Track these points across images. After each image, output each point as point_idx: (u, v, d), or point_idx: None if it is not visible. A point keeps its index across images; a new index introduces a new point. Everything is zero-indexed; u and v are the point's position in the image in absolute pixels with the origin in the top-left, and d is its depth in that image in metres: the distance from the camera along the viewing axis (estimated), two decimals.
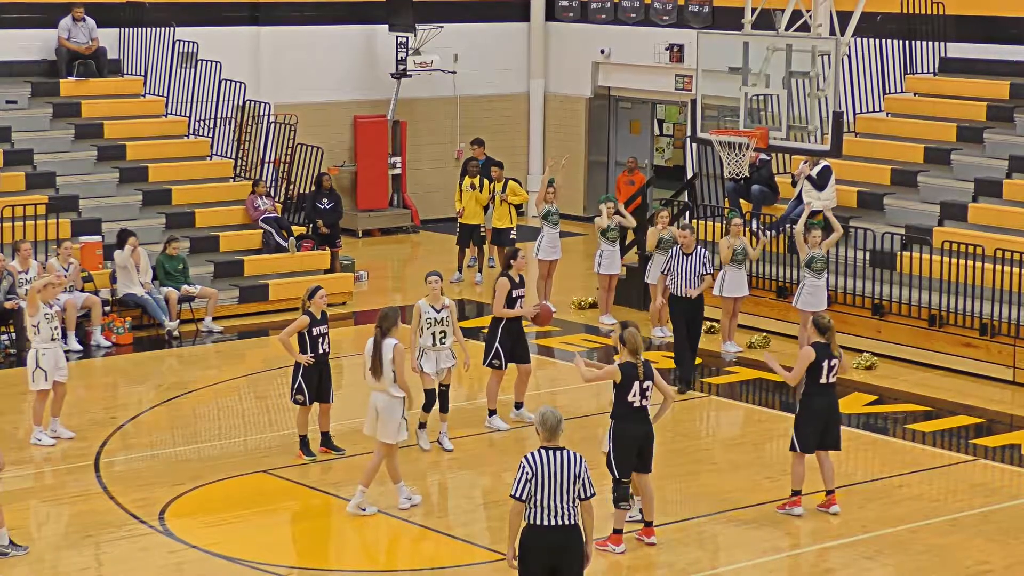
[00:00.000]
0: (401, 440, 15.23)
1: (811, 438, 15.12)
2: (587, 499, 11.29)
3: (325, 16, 29.50)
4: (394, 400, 15.07)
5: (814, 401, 15.09)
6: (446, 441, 17.26)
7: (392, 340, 15.05)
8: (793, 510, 15.26)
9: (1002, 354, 20.47)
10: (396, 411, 15.07)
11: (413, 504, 15.35)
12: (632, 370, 14.15)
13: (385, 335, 15.08)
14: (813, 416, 15.12)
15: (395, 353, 14.97)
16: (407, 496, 15.36)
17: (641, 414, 14.24)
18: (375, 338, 15.14)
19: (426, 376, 16.99)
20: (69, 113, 25.28)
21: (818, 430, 15.12)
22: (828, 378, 15.06)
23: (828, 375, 15.05)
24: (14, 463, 16.95)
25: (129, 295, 22.13)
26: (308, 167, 27.13)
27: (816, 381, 15.04)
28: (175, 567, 14.07)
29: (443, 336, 16.93)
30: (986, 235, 21.53)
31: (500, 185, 25.72)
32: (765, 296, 22.80)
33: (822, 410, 15.14)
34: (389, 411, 15.07)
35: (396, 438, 15.13)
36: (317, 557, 14.57)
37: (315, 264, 24.78)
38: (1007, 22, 24.90)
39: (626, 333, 14.21)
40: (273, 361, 20.57)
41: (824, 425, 15.14)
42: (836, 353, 15.12)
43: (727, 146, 21.41)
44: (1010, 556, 14.47)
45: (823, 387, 15.09)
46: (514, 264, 17.82)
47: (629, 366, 14.17)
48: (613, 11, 30.81)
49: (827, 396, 15.16)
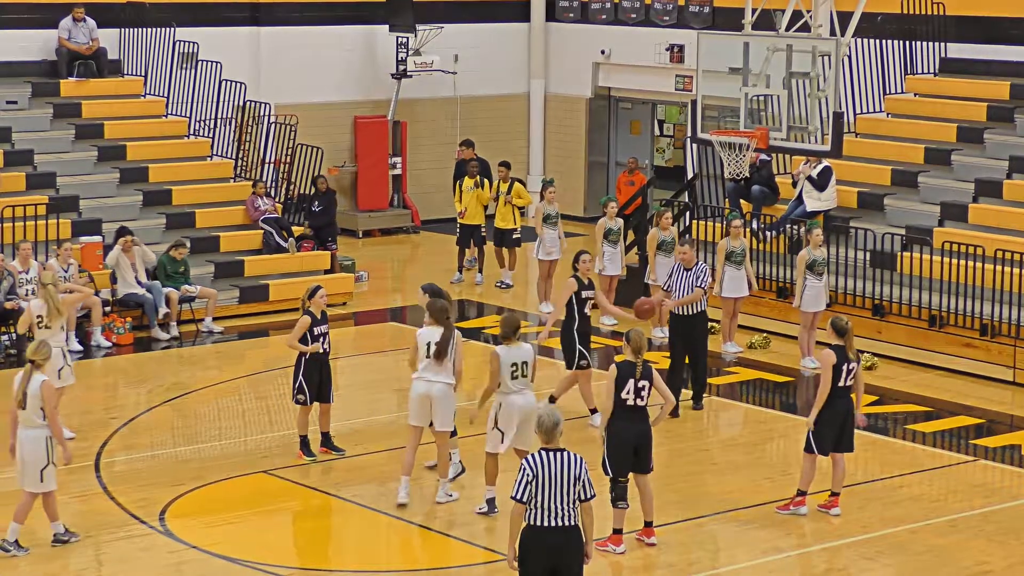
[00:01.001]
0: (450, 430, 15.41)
1: (828, 440, 15.13)
2: (587, 500, 11.30)
3: (325, 16, 29.50)
4: (450, 388, 15.33)
5: (833, 403, 15.07)
6: None
7: (41, 375, 14.18)
8: (799, 510, 15.26)
9: (1002, 355, 20.47)
10: (453, 400, 15.38)
11: (452, 499, 15.53)
12: (629, 368, 14.20)
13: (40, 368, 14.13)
14: (832, 418, 15.12)
15: (42, 389, 14.09)
16: (447, 492, 15.59)
17: (636, 413, 14.25)
18: (444, 329, 15.26)
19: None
20: (69, 113, 25.28)
21: (835, 432, 15.13)
22: (846, 381, 15.07)
23: (846, 378, 15.07)
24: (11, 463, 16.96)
25: (129, 295, 22.14)
26: (308, 168, 27.13)
27: (835, 384, 15.03)
28: (175, 567, 14.08)
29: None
30: (986, 235, 21.53)
31: (506, 185, 25.66)
32: (765, 296, 22.79)
33: (840, 413, 15.15)
34: (447, 400, 15.29)
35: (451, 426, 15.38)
36: (317, 557, 14.58)
37: (315, 264, 24.78)
38: (1007, 23, 24.90)
39: (632, 332, 14.34)
40: (273, 361, 20.57)
41: (841, 428, 15.16)
42: (853, 356, 15.14)
43: (727, 146, 21.41)
44: (1010, 556, 14.47)
45: (841, 390, 15.08)
46: (579, 267, 17.77)
47: (626, 364, 14.24)
48: (613, 11, 30.81)
49: (845, 399, 15.16)
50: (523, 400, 14.93)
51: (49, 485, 14.03)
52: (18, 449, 14.01)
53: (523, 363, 14.90)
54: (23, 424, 13.95)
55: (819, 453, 15.13)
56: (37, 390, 13.87)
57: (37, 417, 13.88)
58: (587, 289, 17.71)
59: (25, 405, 13.90)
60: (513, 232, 25.60)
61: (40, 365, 14.00)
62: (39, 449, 13.93)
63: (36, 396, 13.86)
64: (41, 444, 13.93)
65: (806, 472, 15.23)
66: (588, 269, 17.81)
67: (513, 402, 14.88)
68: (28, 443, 13.94)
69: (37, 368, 13.97)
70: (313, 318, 16.62)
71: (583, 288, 17.67)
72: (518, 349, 14.93)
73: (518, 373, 14.89)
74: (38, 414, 13.88)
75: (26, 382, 13.91)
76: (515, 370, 14.86)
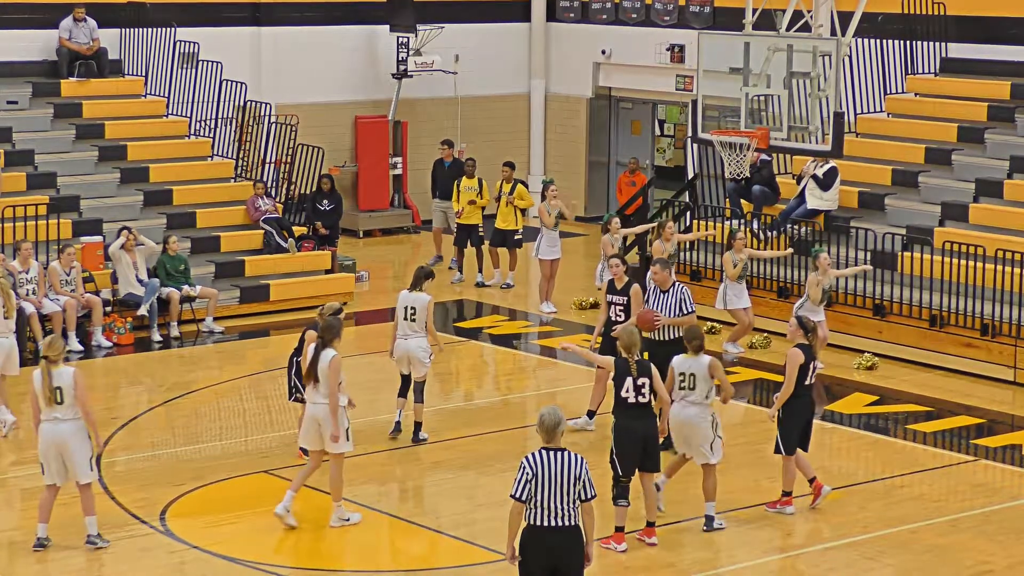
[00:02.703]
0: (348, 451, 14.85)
1: (795, 439, 15.20)
2: (588, 500, 11.29)
3: (326, 16, 29.51)
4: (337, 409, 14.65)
5: (797, 402, 15.12)
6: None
7: (331, 351, 14.53)
8: (785, 509, 15.30)
9: (1003, 354, 20.47)
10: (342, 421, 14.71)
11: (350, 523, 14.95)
12: (624, 366, 14.21)
13: (326, 345, 14.63)
14: (799, 417, 15.18)
15: (331, 364, 14.43)
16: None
17: (638, 411, 14.27)
18: (316, 347, 14.71)
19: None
20: (70, 113, 25.28)
21: (800, 431, 15.20)
22: (811, 379, 15.15)
23: (811, 376, 15.14)
24: (14, 463, 16.99)
25: (130, 295, 22.13)
26: (309, 168, 27.14)
27: (801, 383, 15.07)
28: (175, 567, 14.08)
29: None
30: (987, 235, 21.53)
31: (508, 186, 25.61)
32: (765, 296, 22.79)
33: (805, 411, 15.23)
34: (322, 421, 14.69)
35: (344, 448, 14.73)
36: (317, 557, 14.57)
37: (316, 264, 24.78)
38: (1008, 22, 24.90)
39: (623, 331, 14.35)
40: (273, 361, 20.56)
41: (804, 426, 15.25)
42: (816, 355, 15.29)
43: (728, 146, 21.42)
44: (1011, 556, 14.47)
45: (806, 388, 15.16)
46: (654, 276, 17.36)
47: (621, 361, 14.25)
48: (614, 11, 30.81)
49: (808, 397, 15.25)
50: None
51: (96, 473, 14.22)
52: (59, 445, 14.04)
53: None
54: (61, 418, 13.99)
55: (787, 454, 15.18)
56: (70, 381, 13.96)
57: (75, 409, 14.00)
58: (618, 295, 17.54)
59: (62, 399, 13.98)
60: (515, 233, 25.57)
61: (55, 361, 14.06)
62: (82, 440, 14.06)
63: (70, 387, 13.95)
64: (83, 435, 14.07)
65: (788, 473, 15.28)
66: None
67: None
68: (73, 435, 14.03)
69: (52, 364, 14.03)
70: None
71: (614, 293, 17.53)
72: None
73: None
74: (74, 405, 13.99)
75: (49, 377, 13.97)
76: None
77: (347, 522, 14.88)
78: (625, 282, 17.40)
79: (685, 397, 14.71)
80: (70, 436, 14.04)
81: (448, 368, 20.87)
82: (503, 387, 19.98)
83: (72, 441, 14.05)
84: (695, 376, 14.63)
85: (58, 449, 14.08)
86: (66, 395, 13.98)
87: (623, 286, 17.35)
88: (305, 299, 23.73)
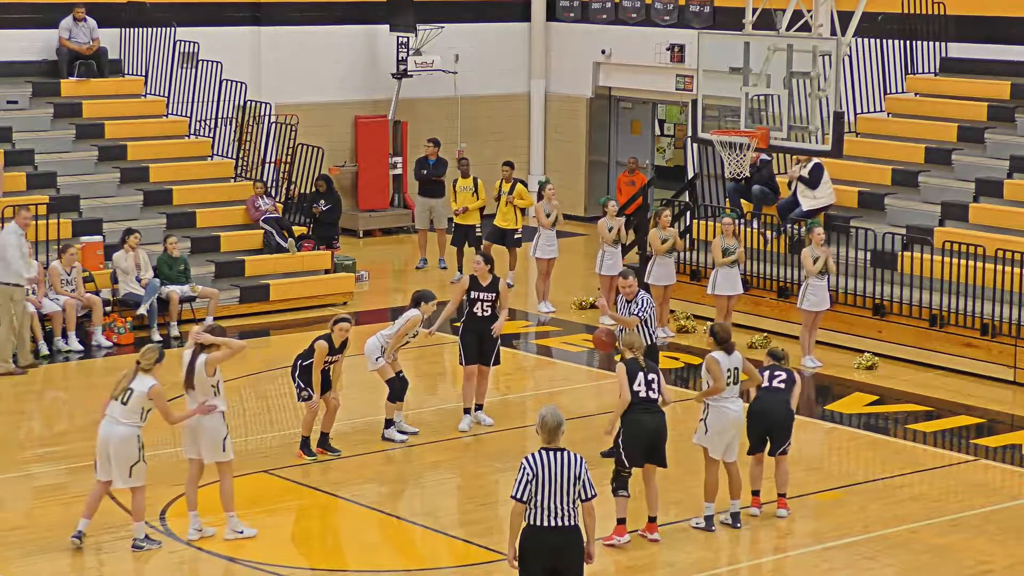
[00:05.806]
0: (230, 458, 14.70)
1: (761, 442, 15.41)
2: (588, 500, 11.29)
3: (326, 16, 29.50)
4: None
5: (754, 405, 15.46)
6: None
7: (150, 379, 14.27)
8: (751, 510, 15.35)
9: (1003, 354, 20.46)
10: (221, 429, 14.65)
11: (203, 535, 14.67)
12: (634, 364, 14.43)
13: (146, 372, 14.30)
14: (760, 420, 15.44)
15: (152, 393, 14.17)
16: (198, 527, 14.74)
17: (650, 406, 14.42)
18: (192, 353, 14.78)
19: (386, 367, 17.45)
20: (70, 113, 25.27)
21: (762, 433, 15.38)
22: (771, 383, 15.41)
23: (771, 380, 15.46)
24: (15, 463, 16.98)
25: (130, 295, 22.12)
26: (309, 167, 27.13)
27: (760, 386, 15.45)
28: (175, 567, 14.08)
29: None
30: (987, 235, 21.53)
31: (508, 186, 25.59)
32: (765, 296, 22.79)
33: (767, 412, 15.46)
34: (217, 431, 14.64)
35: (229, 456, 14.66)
36: (318, 557, 14.57)
37: (316, 264, 24.78)
38: (1008, 22, 24.90)
39: (625, 335, 14.55)
40: (274, 361, 20.56)
41: (768, 428, 15.43)
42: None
43: (728, 146, 21.42)
44: (1011, 556, 14.47)
45: (764, 391, 15.47)
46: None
47: (631, 360, 14.45)
48: (614, 11, 30.81)
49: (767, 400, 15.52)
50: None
51: (137, 480, 14.16)
52: (112, 445, 14.06)
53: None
54: (119, 419, 14.02)
55: (751, 453, 15.36)
56: (145, 390, 14.01)
57: (135, 415, 14.01)
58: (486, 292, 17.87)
59: (127, 402, 14.03)
60: (514, 232, 25.56)
61: (148, 369, 14.15)
62: (131, 447, 14.05)
63: (142, 395, 14.00)
64: (133, 443, 14.05)
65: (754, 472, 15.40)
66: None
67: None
68: (119, 441, 14.05)
69: (144, 372, 14.12)
70: (331, 347, 16.66)
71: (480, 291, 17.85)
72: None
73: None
74: (137, 412, 14.00)
75: (131, 378, 14.08)
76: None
77: (241, 535, 14.60)
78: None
79: (732, 394, 14.99)
80: (116, 441, 14.03)
81: (448, 368, 20.86)
82: (502, 387, 19.95)
83: (114, 446, 14.05)
84: (738, 370, 14.96)
85: (109, 448, 14.10)
86: (133, 400, 14.01)
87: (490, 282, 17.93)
88: (305, 299, 23.73)
